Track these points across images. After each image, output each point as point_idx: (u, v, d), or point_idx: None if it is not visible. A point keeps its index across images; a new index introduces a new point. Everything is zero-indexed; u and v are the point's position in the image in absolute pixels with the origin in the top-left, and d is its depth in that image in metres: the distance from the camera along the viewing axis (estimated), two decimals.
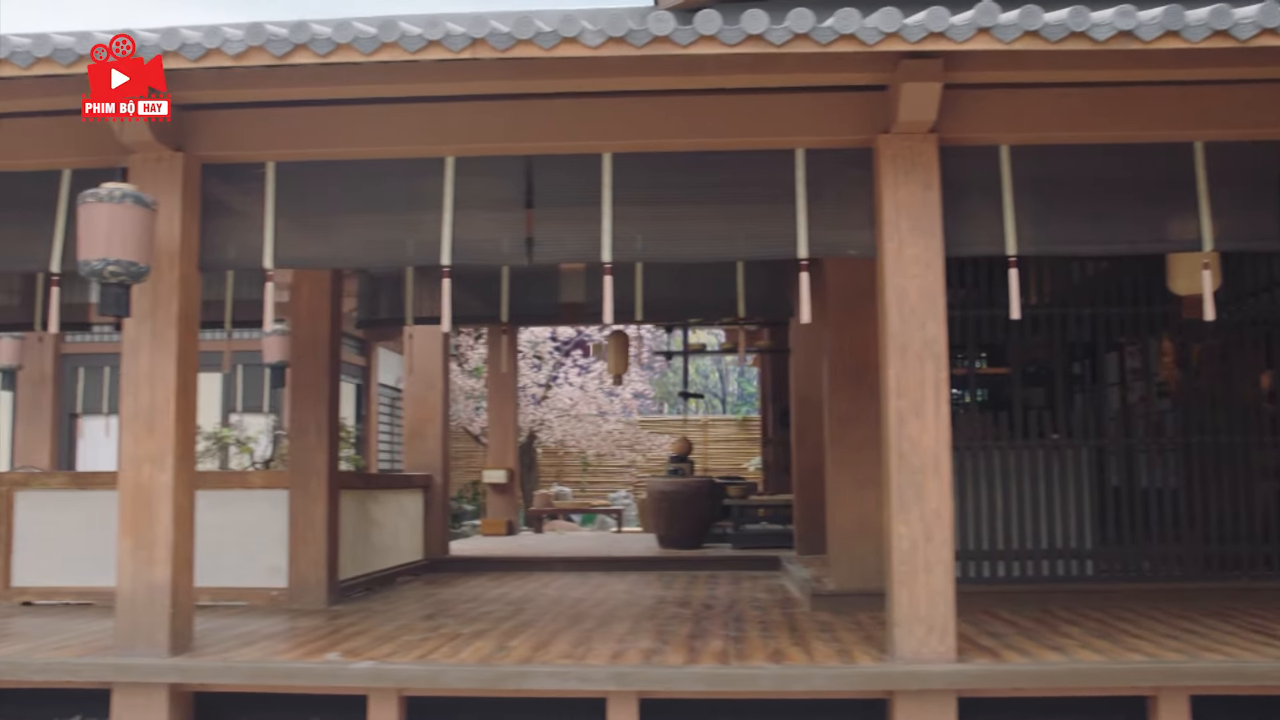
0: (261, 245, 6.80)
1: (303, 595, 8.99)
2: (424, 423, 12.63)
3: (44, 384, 17.69)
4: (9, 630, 7.81)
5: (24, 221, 6.99)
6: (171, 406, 6.53)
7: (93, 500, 9.38)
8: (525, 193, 6.75)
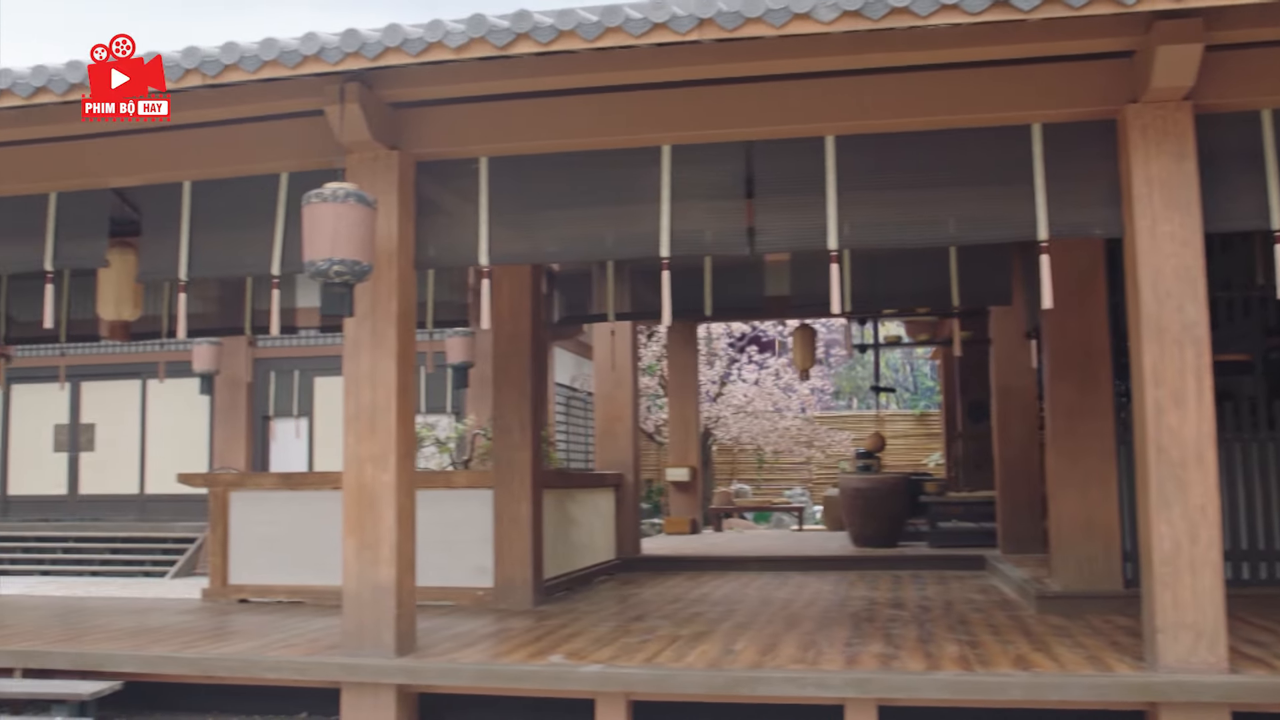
0: (476, 242, 6.72)
1: (509, 595, 8.94)
2: (614, 421, 12.53)
3: (239, 388, 18.27)
4: (234, 627, 7.94)
5: (244, 226, 7.06)
6: (393, 406, 6.49)
7: (303, 500, 9.53)
8: (745, 180, 6.51)
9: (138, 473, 19.13)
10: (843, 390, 27.31)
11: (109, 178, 7.26)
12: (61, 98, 6.23)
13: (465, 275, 10.24)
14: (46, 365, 18.99)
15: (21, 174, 7.36)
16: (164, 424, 18.95)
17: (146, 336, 10.25)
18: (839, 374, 26.75)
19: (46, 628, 8.03)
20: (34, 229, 7.42)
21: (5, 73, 6.29)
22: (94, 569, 17.64)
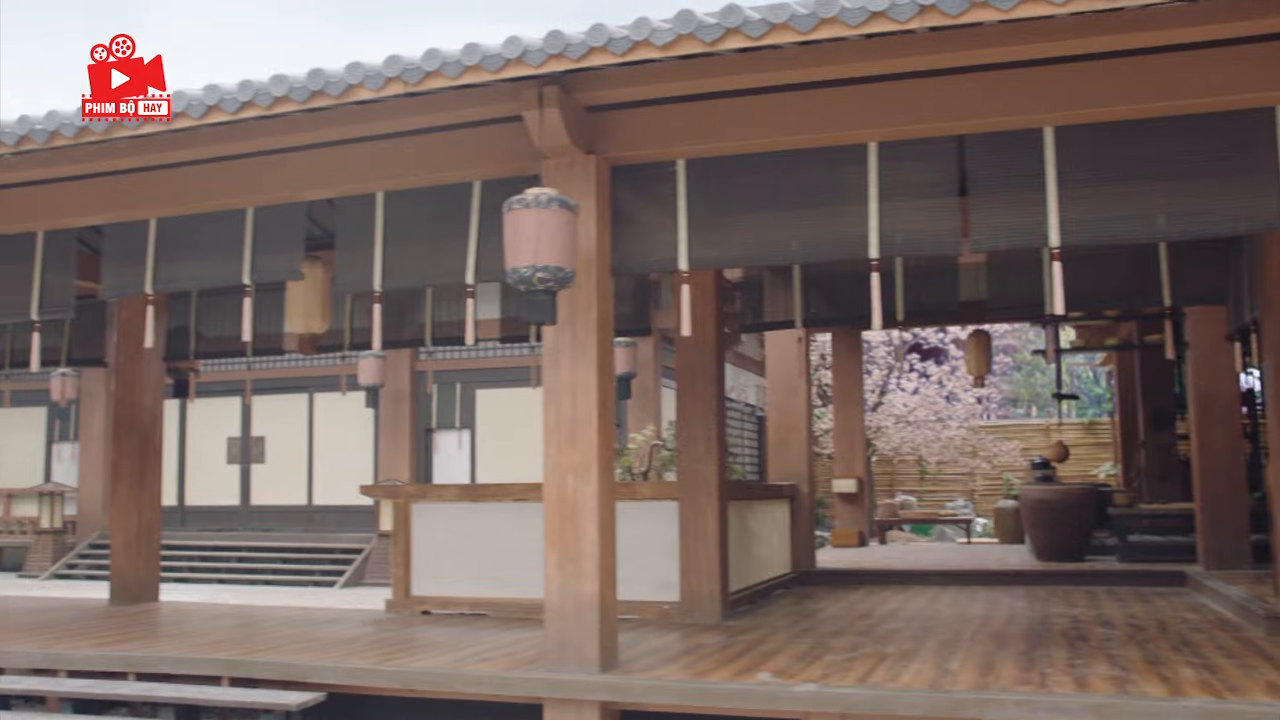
0: (675, 245, 6.56)
1: (695, 609, 8.74)
2: (788, 430, 12.25)
3: (402, 401, 18.50)
4: (424, 640, 7.90)
5: (437, 235, 7.03)
6: (594, 417, 6.35)
7: (484, 512, 9.49)
8: (958, 176, 6.20)
9: (305, 485, 19.54)
10: (1020, 398, 26.41)
11: (304, 191, 7.31)
12: (266, 111, 6.26)
13: (623, 283, 10.10)
14: (221, 380, 19.59)
15: (221, 190, 7.46)
16: (330, 437, 19.33)
17: (331, 349, 10.33)
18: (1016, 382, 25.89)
19: (245, 637, 8.12)
20: (232, 244, 7.51)
21: (212, 89, 6.36)
22: (266, 578, 18.04)
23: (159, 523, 10.81)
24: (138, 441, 10.54)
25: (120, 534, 10.53)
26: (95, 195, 7.79)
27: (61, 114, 6.74)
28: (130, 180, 7.67)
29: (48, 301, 8.10)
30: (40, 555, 19.90)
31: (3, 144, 6.90)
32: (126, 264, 7.84)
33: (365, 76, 6.02)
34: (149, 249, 7.75)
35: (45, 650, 7.56)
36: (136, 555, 10.55)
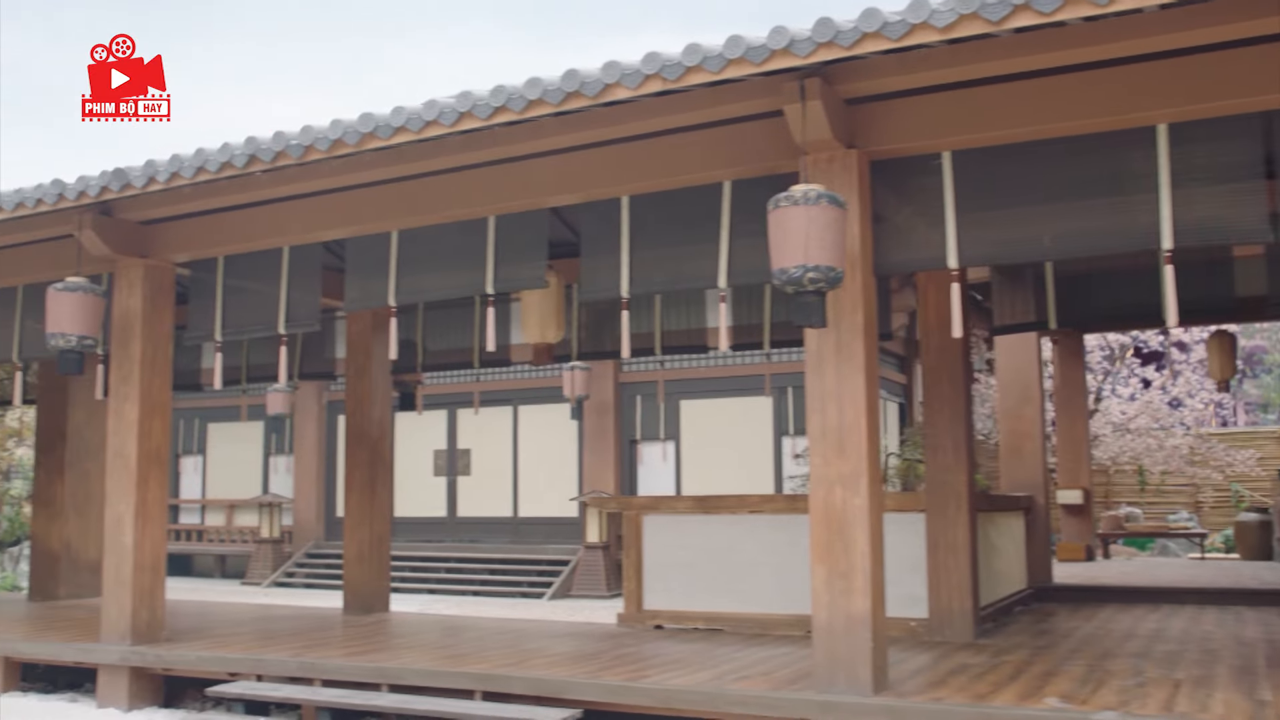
0: (941, 243, 6.19)
1: (945, 627, 8.30)
2: (1021, 439, 11.67)
3: (606, 412, 18.47)
4: (668, 655, 7.68)
5: (686, 239, 6.82)
6: (862, 424, 6.02)
7: (719, 524, 9.25)
8: (1263, 157, 5.66)
9: (511, 497, 19.69)
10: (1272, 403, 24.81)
11: (547, 198, 7.20)
12: (519, 115, 6.16)
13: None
14: (427, 394, 19.96)
15: (462, 200, 7.42)
16: (535, 449, 19.45)
17: (562, 359, 10.25)
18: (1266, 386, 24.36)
19: (485, 649, 8.04)
20: (474, 253, 7.48)
21: (465, 95, 6.29)
22: (475, 589, 18.25)
23: (389, 534, 10.92)
24: (367, 454, 10.68)
25: (353, 545, 10.67)
26: (340, 209, 7.87)
27: (316, 129, 6.78)
28: (374, 193, 7.71)
29: (294, 315, 8.22)
30: (261, 563, 20.62)
31: (259, 161, 7.00)
32: (369, 277, 7.90)
33: (623, 75, 5.85)
34: (391, 261, 7.79)
35: (299, 659, 7.64)
36: (368, 566, 10.68)
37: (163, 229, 8.61)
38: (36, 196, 8.01)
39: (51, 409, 12.50)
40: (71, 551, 12.56)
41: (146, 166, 7.50)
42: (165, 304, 8.73)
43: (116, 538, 8.48)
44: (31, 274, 9.37)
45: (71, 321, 8.02)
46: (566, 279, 8.74)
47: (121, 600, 8.41)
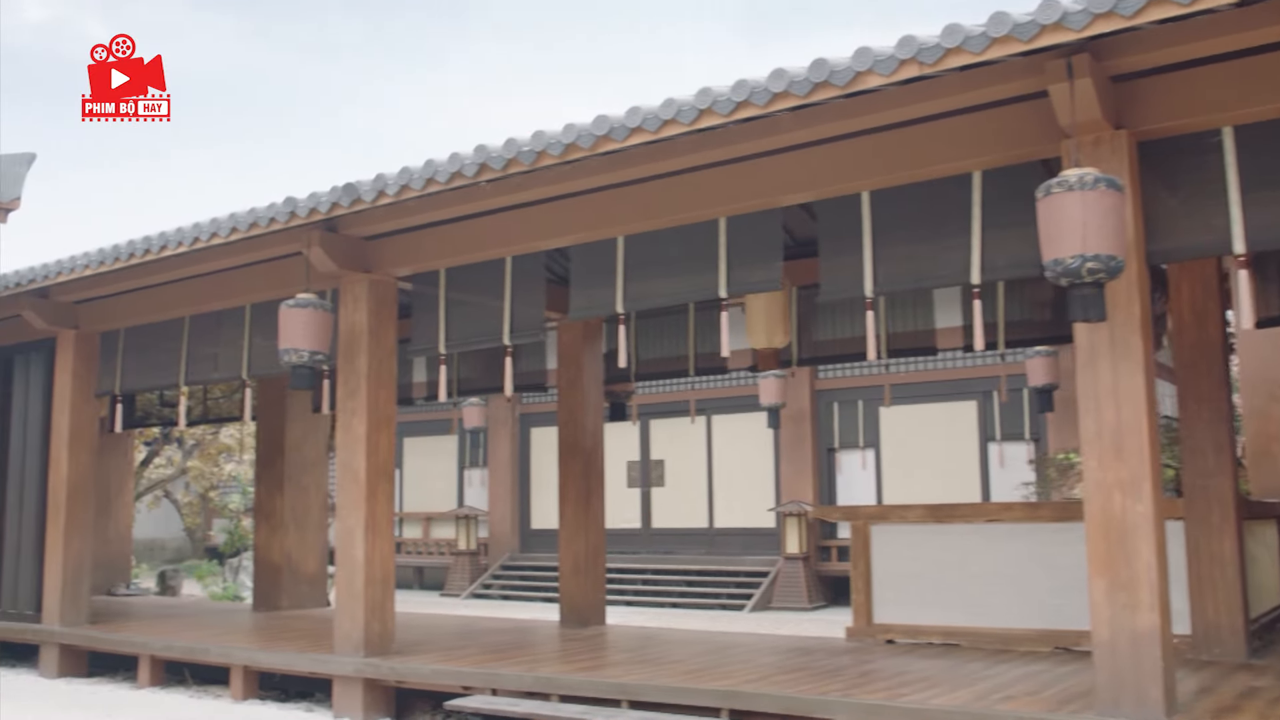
0: (1226, 226, 5.69)
1: (1214, 644, 7.71)
2: (1269, 440, 10.87)
3: (802, 421, 18.11)
4: (915, 673, 7.30)
5: (932, 234, 6.47)
6: (1143, 424, 5.56)
7: (951, 534, 8.84)
8: None
9: (706, 507, 19.49)
10: None
11: (781, 196, 6.94)
12: (763, 109, 5.93)
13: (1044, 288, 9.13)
14: None
15: (691, 202, 7.23)
16: (729, 459, 19.22)
17: (810, 362, 9.95)
18: None
19: (716, 664, 7.80)
20: (705, 257, 7.27)
21: (704, 92, 6.09)
22: (673, 601, 18.09)
23: (604, 546, 10.82)
24: (581, 465, 10.60)
25: (568, 557, 10.60)
26: (564, 216, 7.77)
27: (548, 134, 6.68)
28: (599, 199, 7.58)
29: (519, 326, 8.17)
30: (459, 575, 20.92)
31: (489, 169, 6.94)
32: (595, 284, 7.77)
33: (875, 62, 5.55)
34: (618, 267, 7.65)
35: (534, 673, 7.54)
36: (584, 578, 10.59)
37: (385, 243, 8.68)
38: (269, 215, 8.15)
39: (270, 425, 12.84)
40: (292, 563, 12.87)
41: (376, 180, 7.55)
42: (389, 318, 8.79)
43: (347, 551, 8.55)
44: (258, 293, 9.58)
45: (303, 337, 8.13)
46: (791, 281, 8.46)
47: (354, 612, 8.48)
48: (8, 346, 12.05)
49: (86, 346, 11.16)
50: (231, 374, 10.04)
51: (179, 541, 28.24)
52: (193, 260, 9.33)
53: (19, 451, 11.80)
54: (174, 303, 10.26)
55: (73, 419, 11.04)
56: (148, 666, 10.05)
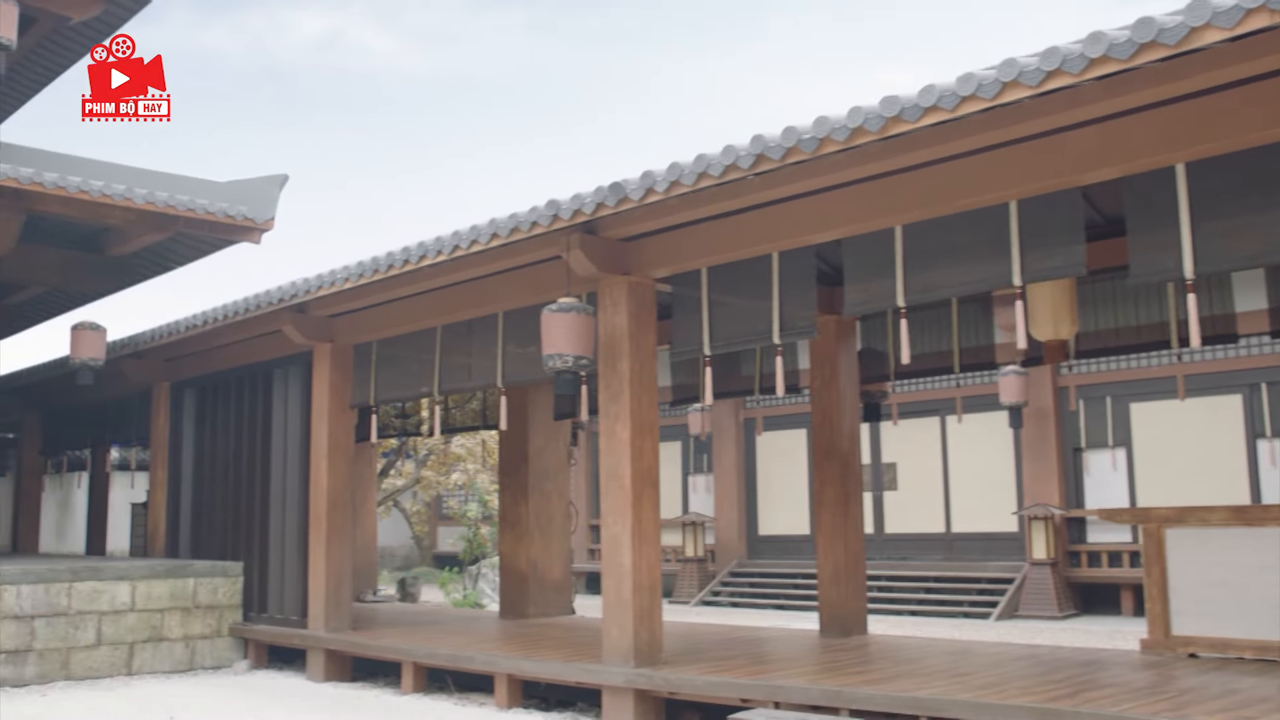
0: None
1: None
2: None
3: (1045, 419, 17.26)
4: (1248, 693, 6.65)
5: (1263, 206, 5.85)
6: None
7: (1263, 539, 8.08)
8: None
9: (942, 511, 18.81)
10: None
11: (1081, 175, 6.42)
12: (1076, 77, 5.45)
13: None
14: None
15: (977, 185, 6.78)
16: (966, 460, 18.48)
17: (1093, 354, 9.34)
18: None
19: (1016, 678, 7.30)
20: (995, 243, 6.80)
21: (1009, 64, 5.66)
22: (911, 608, 17.50)
23: (863, 552, 10.40)
24: (838, 468, 10.21)
25: (827, 564, 10.22)
26: (835, 208, 7.42)
27: (832, 119, 6.35)
28: (875, 187, 7.20)
29: (789, 323, 7.85)
30: (687, 582, 20.77)
31: (767, 159, 6.66)
32: (871, 277, 7.40)
33: (1214, 15, 5.01)
34: (897, 259, 7.25)
35: (820, 686, 7.20)
36: (845, 586, 10.19)
37: (644, 244, 8.50)
38: (531, 220, 8.09)
39: (512, 433, 12.88)
40: (538, 571, 12.89)
41: (644, 177, 7.37)
42: (648, 321, 8.62)
43: (614, 558, 8.40)
44: (511, 300, 9.56)
45: (567, 342, 8.03)
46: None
47: (622, 621, 8.32)
48: (267, 361, 12.45)
49: (342, 359, 11.42)
50: (486, 382, 10.07)
51: (407, 549, 29.04)
52: (447, 270, 9.37)
53: (280, 463, 12.17)
54: (426, 313, 10.36)
55: (331, 430, 11.30)
56: (411, 673, 10.16)
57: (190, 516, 13.75)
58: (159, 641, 11.66)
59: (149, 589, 11.66)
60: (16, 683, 10.64)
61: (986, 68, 5.84)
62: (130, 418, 15.95)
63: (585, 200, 7.71)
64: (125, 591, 11.49)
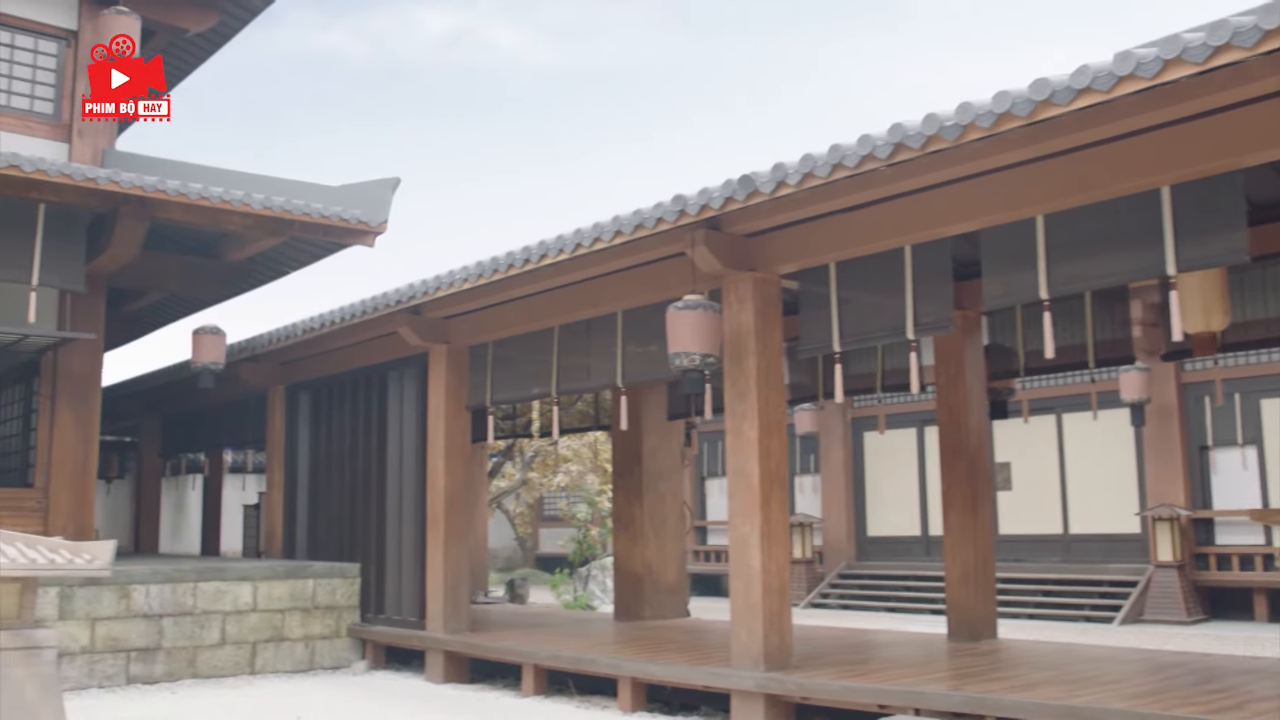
0: None
1: None
2: None
3: (1169, 417, 16.71)
4: None
5: None
6: None
7: None
8: None
9: (1059, 512, 18.31)
10: None
11: (1244, 156, 6.09)
12: (1249, 50, 5.15)
13: None
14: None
15: (1126, 171, 6.48)
16: (1084, 459, 17.97)
17: (1243, 347, 8.97)
18: None
19: (1177, 688, 6.99)
20: (1144, 230, 6.50)
21: (1171, 40, 5.37)
22: (1029, 611, 17.06)
23: (993, 554, 10.11)
24: (966, 467, 9.92)
25: (956, 566, 9.94)
26: (972, 198, 7.16)
27: (975, 105, 6.12)
28: (1015, 175, 6.92)
29: (923, 318, 7.62)
30: (795, 584, 20.46)
31: (905, 148, 6.45)
32: (1011, 269, 7.13)
33: None
34: (1039, 249, 6.97)
35: (962, 693, 6.96)
36: (974, 589, 9.90)
37: (769, 240, 8.32)
38: (656, 216, 7.97)
39: (626, 434, 12.77)
40: (653, 573, 12.77)
41: (775, 170, 7.20)
42: (774, 318, 8.44)
43: (742, 560, 8.24)
44: (631, 299, 9.44)
45: (693, 340, 7.90)
46: None
47: (751, 624, 8.15)
48: (381, 364, 12.52)
49: (457, 360, 11.41)
50: (605, 382, 9.97)
51: (510, 550, 29.17)
52: (566, 269, 9.29)
53: (395, 465, 12.22)
54: (543, 313, 10.29)
55: (448, 432, 11.31)
56: (531, 675, 10.10)
57: (306, 518, 13.89)
58: (280, 641, 11.77)
59: (270, 590, 11.77)
60: (147, 680, 10.81)
61: (1144, 45, 5.57)
62: (245, 421, 16.20)
63: (713, 195, 7.56)
64: (247, 592, 11.62)
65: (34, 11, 12.68)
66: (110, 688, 10.55)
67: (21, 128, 12.21)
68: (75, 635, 10.42)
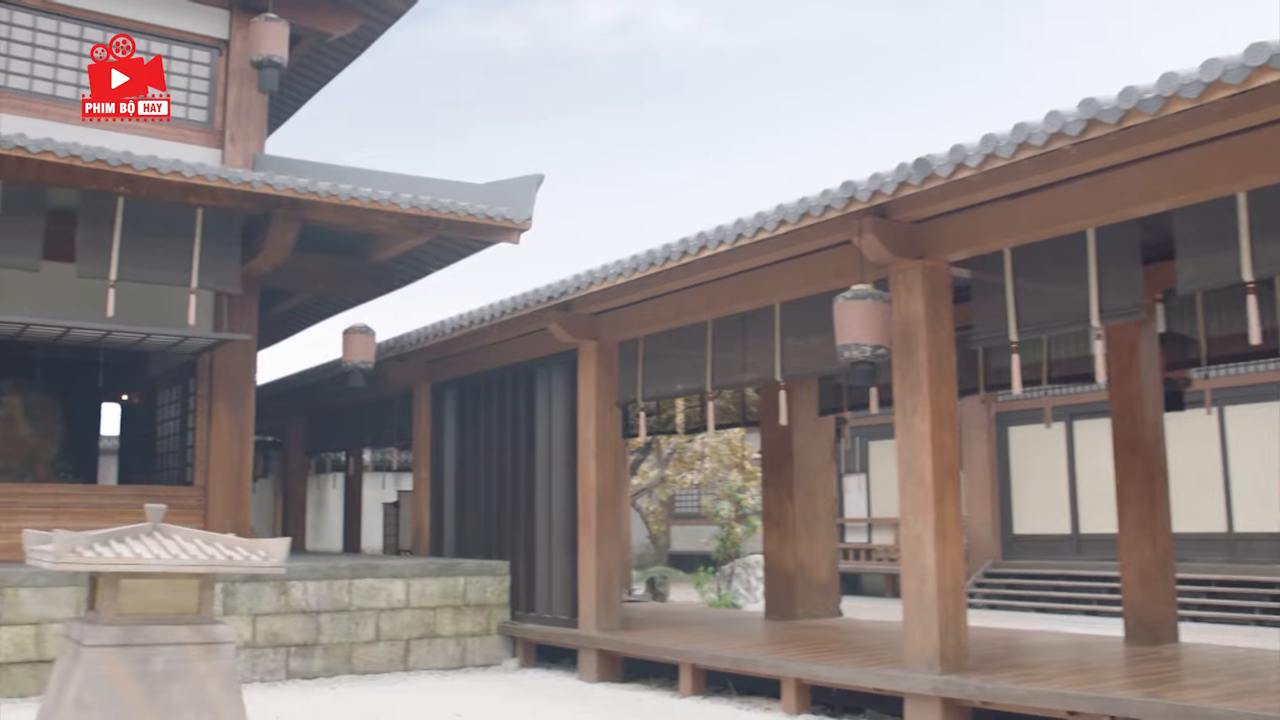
0: None
1: None
2: None
3: None
4: None
5: None
6: None
7: None
8: None
9: (1223, 509, 17.52)
10: None
11: None
12: None
13: None
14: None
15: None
16: (1249, 453, 17.14)
17: None
18: None
19: None
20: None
21: None
22: (1192, 614, 16.28)
23: (1172, 552, 9.63)
24: (1142, 462, 9.48)
25: (1132, 566, 9.50)
26: (1163, 175, 6.76)
27: (1180, 75, 5.76)
28: (1213, 150, 6.50)
29: (1109, 305, 7.23)
30: None
31: (1100, 124, 6.11)
32: (1210, 250, 6.72)
33: None
34: (1241, 227, 6.55)
35: (1162, 700, 6.57)
36: (1152, 589, 9.45)
37: (938, 226, 8.02)
38: (823, 204, 7.74)
39: (776, 430, 12.54)
40: (805, 571, 12.52)
41: (953, 152, 6.91)
42: (944, 307, 8.13)
43: (915, 558, 7.95)
44: (788, 291, 9.22)
45: (862, 331, 7.64)
46: None
47: (926, 624, 7.86)
48: (529, 361, 12.49)
49: (607, 356, 11.31)
50: (762, 376, 9.75)
51: (642, 548, 29.07)
52: (724, 261, 9.10)
53: (544, 462, 12.17)
54: (696, 307, 10.12)
55: (598, 428, 11.21)
56: (689, 675, 9.94)
57: (453, 515, 13.95)
58: (432, 639, 11.81)
59: (422, 587, 11.82)
60: (305, 675, 10.94)
61: None
62: (388, 419, 16.35)
63: (886, 180, 7.29)
64: (400, 589, 11.68)
65: (188, 23, 12.97)
66: (271, 682, 10.70)
67: (177, 135, 12.48)
68: (238, 630, 10.57)
